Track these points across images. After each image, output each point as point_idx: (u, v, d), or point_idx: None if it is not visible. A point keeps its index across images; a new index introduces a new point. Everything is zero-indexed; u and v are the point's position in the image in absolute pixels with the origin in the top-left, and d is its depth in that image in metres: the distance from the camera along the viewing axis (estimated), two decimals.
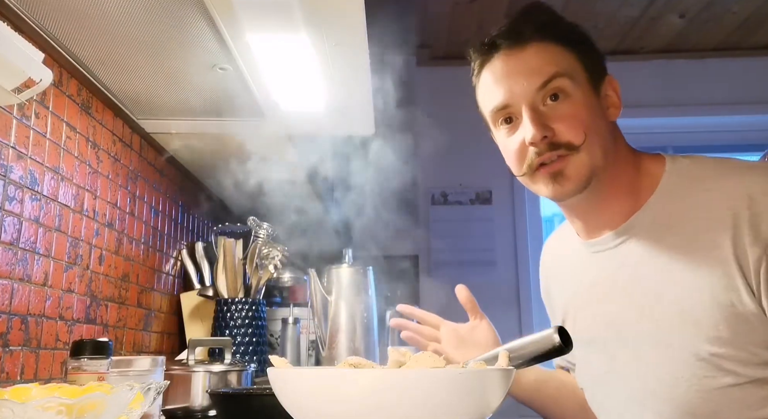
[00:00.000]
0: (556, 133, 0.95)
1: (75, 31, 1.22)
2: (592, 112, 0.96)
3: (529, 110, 0.95)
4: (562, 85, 0.95)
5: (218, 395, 1.11)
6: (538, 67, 0.96)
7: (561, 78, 0.95)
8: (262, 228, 1.90)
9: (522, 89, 0.96)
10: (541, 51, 0.97)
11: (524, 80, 0.96)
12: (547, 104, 0.96)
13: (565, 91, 0.96)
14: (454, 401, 0.67)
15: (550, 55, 0.97)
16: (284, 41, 1.21)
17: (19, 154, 1.16)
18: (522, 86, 0.96)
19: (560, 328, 0.84)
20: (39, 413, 0.61)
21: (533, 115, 0.95)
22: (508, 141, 1.01)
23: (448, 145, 3.46)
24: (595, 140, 0.95)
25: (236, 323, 1.82)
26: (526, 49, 0.97)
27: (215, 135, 1.72)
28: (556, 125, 0.95)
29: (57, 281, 1.28)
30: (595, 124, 0.96)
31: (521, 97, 0.96)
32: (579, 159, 0.95)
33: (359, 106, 1.55)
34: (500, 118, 1.01)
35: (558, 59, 0.96)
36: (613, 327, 1.01)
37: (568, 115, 0.95)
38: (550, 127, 0.95)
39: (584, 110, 0.95)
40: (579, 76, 0.97)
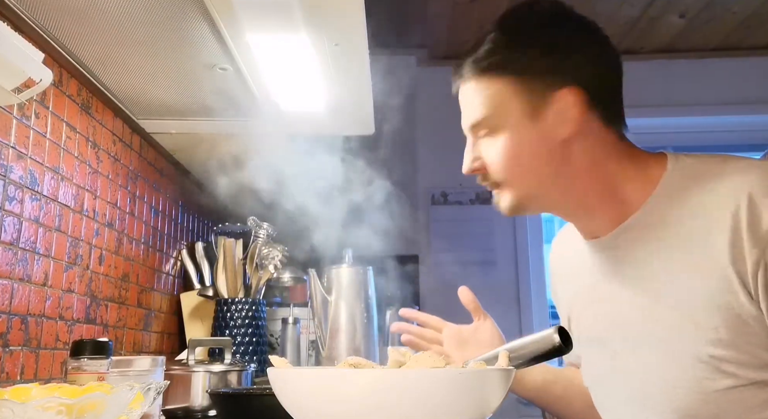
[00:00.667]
0: (486, 166, 1.02)
1: (75, 31, 1.22)
2: (521, 144, 0.98)
3: (468, 143, 1.05)
4: (488, 126, 1.00)
5: (218, 395, 1.11)
6: (470, 107, 1.02)
7: (486, 119, 0.99)
8: (262, 228, 1.90)
9: (463, 125, 1.06)
10: (474, 90, 1.01)
11: (464, 118, 1.05)
12: (479, 137, 1.03)
13: (492, 129, 1.00)
14: (454, 401, 0.67)
15: (480, 95, 1.00)
16: (284, 41, 1.21)
17: (19, 154, 1.16)
18: (464, 119, 1.05)
19: (560, 328, 0.84)
20: (39, 413, 0.61)
21: (467, 149, 1.05)
22: None
23: (448, 145, 3.47)
24: (517, 173, 0.99)
25: (236, 323, 1.82)
26: (466, 86, 1.03)
27: (215, 135, 1.72)
28: (486, 160, 1.01)
29: (57, 281, 1.28)
30: (519, 156, 0.98)
31: (466, 129, 1.06)
32: (503, 193, 1.02)
33: (359, 106, 1.55)
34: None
35: (486, 98, 0.99)
36: (613, 327, 1.01)
37: (493, 153, 1.00)
38: (480, 160, 1.02)
39: (510, 146, 0.98)
40: (510, 108, 0.98)
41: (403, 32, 3.12)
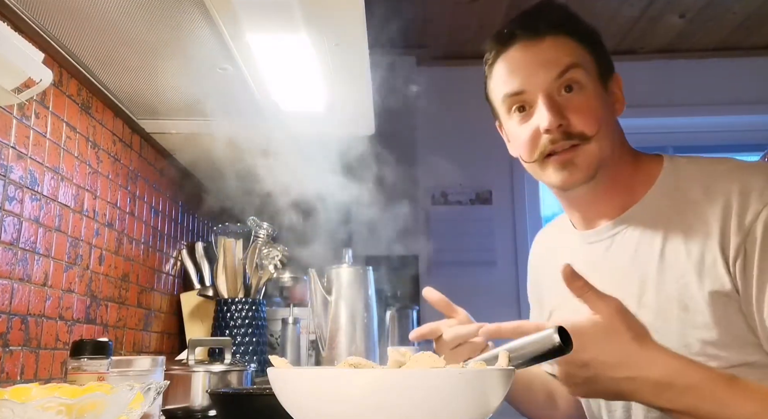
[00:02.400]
0: (570, 122, 0.99)
1: (75, 31, 1.22)
2: (603, 105, 1.01)
3: (546, 98, 0.99)
4: (577, 77, 1.00)
5: (218, 395, 1.11)
6: (554, 58, 1.00)
7: (576, 69, 0.99)
8: (262, 228, 1.90)
9: (538, 78, 1.00)
10: (557, 44, 1.01)
11: (541, 70, 1.00)
12: (562, 95, 1.00)
13: (580, 83, 1.00)
14: (454, 401, 0.67)
15: (565, 48, 1.01)
16: (284, 41, 1.21)
17: (19, 154, 1.16)
18: (538, 75, 1.00)
19: (560, 328, 0.84)
20: (39, 413, 0.61)
21: (550, 102, 0.99)
22: (520, 128, 1.04)
23: (448, 145, 3.47)
24: (605, 133, 1.00)
25: (236, 323, 1.82)
26: (543, 42, 1.01)
27: (215, 135, 1.71)
28: (570, 115, 0.99)
29: (57, 281, 1.28)
30: (606, 117, 1.00)
31: (538, 85, 1.00)
32: (590, 149, 0.99)
33: (359, 106, 1.55)
34: (514, 105, 1.04)
35: (573, 52, 1.01)
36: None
37: (583, 106, 0.99)
38: (565, 116, 0.99)
39: (597, 102, 1.00)
40: (591, 70, 1.02)
41: (403, 32, 3.12)
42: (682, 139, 3.41)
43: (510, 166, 3.54)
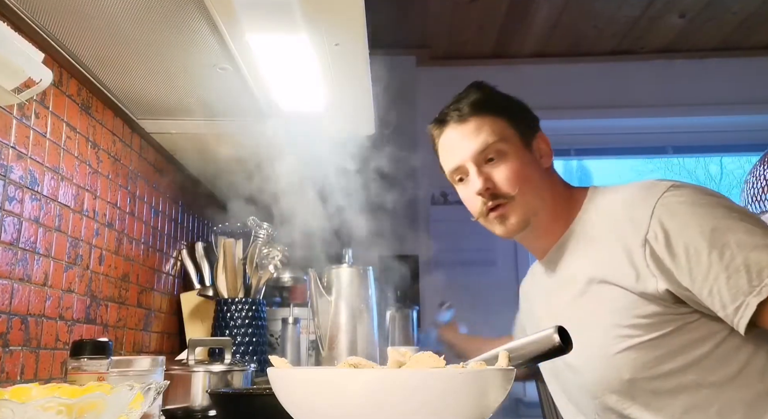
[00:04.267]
0: (496, 185, 1.21)
1: (75, 31, 1.22)
2: (524, 165, 1.23)
3: (474, 168, 1.23)
4: (498, 148, 1.22)
5: (218, 395, 1.11)
6: (477, 136, 1.23)
7: (495, 143, 1.22)
8: (262, 228, 1.90)
9: (467, 153, 1.23)
10: (479, 123, 1.24)
11: (468, 145, 1.23)
12: (487, 164, 1.23)
13: (500, 152, 1.22)
14: (454, 401, 0.67)
15: (486, 126, 1.23)
16: (284, 41, 1.21)
17: (19, 154, 1.16)
18: (468, 150, 1.23)
19: (560, 328, 0.84)
20: (39, 413, 0.61)
21: (478, 171, 1.22)
22: (464, 193, 1.29)
23: None
24: (527, 188, 1.21)
25: (236, 323, 1.82)
26: (468, 123, 1.25)
27: (215, 135, 1.71)
28: (496, 179, 1.22)
29: (57, 281, 1.28)
30: (527, 174, 1.22)
31: (468, 158, 1.23)
32: (516, 205, 1.21)
33: (359, 106, 1.55)
34: (456, 177, 1.28)
35: (492, 128, 1.23)
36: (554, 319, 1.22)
37: (504, 171, 1.21)
38: (492, 181, 1.22)
39: (518, 166, 1.22)
40: (511, 139, 1.24)
41: (403, 32, 3.12)
42: (682, 139, 3.41)
43: None
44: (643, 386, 1.10)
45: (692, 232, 1.04)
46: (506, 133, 1.24)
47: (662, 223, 1.07)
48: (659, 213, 1.08)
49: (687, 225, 1.05)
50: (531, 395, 3.28)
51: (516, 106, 1.31)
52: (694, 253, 1.03)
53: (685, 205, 1.08)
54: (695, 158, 3.57)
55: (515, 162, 1.22)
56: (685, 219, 1.06)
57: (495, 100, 1.29)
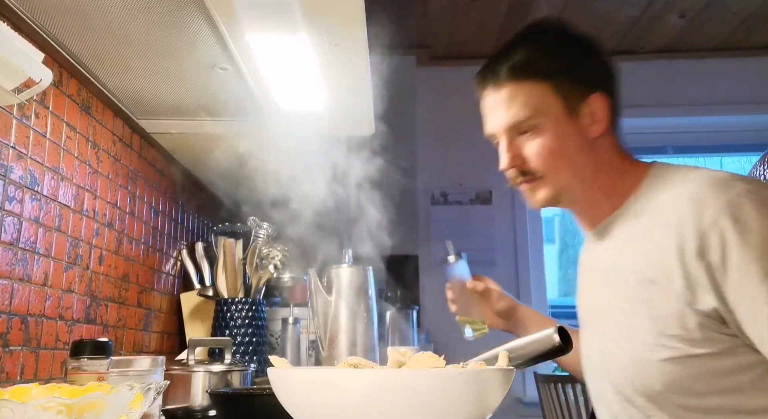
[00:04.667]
0: (525, 161, 1.12)
1: (75, 31, 1.22)
2: (561, 139, 1.11)
3: (505, 141, 1.14)
4: (531, 123, 1.11)
5: (218, 395, 1.11)
6: (508, 109, 1.12)
7: (528, 120, 1.10)
8: (262, 228, 1.90)
9: (498, 125, 1.14)
10: (514, 93, 1.12)
11: (500, 118, 1.13)
12: (520, 137, 1.13)
13: (534, 127, 1.11)
14: (454, 401, 0.67)
15: (520, 97, 1.11)
16: (284, 41, 1.21)
17: (19, 154, 1.16)
18: (499, 122, 1.14)
19: (560, 328, 0.84)
20: (39, 413, 0.61)
21: (507, 145, 1.13)
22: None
23: (448, 145, 3.47)
24: (560, 165, 1.11)
25: (236, 323, 1.82)
26: (501, 90, 1.13)
27: (215, 135, 1.71)
28: (526, 154, 1.12)
29: (57, 281, 1.28)
30: (563, 150, 1.11)
31: (500, 129, 1.14)
32: (545, 182, 1.12)
33: (359, 106, 1.55)
34: (493, 141, 1.20)
35: (527, 100, 1.11)
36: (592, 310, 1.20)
37: (535, 146, 1.11)
38: (520, 156, 1.12)
39: (551, 141, 1.10)
40: (551, 108, 1.11)
41: (403, 32, 3.12)
42: (682, 139, 3.41)
43: None
44: (674, 399, 1.02)
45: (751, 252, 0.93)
46: (545, 102, 1.11)
47: (724, 232, 0.95)
48: (725, 219, 0.95)
49: (748, 243, 0.94)
50: (531, 395, 3.28)
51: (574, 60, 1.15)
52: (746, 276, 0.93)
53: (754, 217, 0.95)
54: (695, 158, 3.57)
55: (550, 137, 1.10)
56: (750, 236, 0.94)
57: (544, 60, 1.13)
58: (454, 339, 1.63)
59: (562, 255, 4.45)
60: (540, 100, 1.11)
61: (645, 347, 1.03)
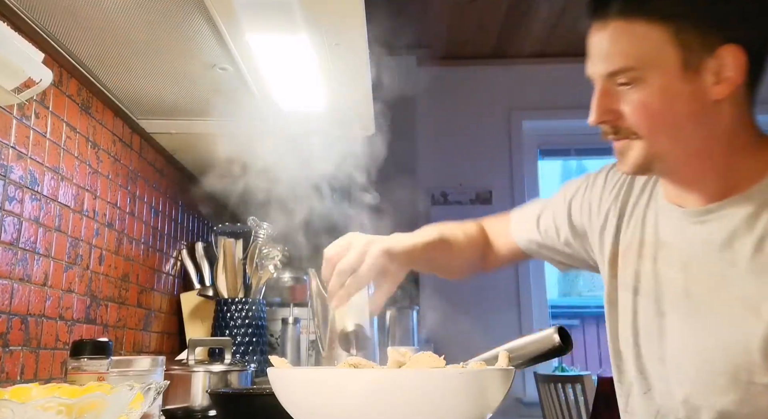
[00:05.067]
0: (621, 116, 0.92)
1: (75, 31, 1.22)
2: (669, 99, 0.90)
3: (597, 91, 0.94)
4: (634, 76, 0.90)
5: (218, 395, 1.11)
6: (611, 53, 0.91)
7: (632, 71, 0.90)
8: (262, 228, 1.90)
9: (596, 69, 0.94)
10: (620, 33, 0.90)
11: (598, 63, 0.93)
12: (620, 87, 0.92)
13: (636, 79, 0.90)
14: (454, 401, 0.67)
15: (627, 40, 0.90)
16: (284, 41, 1.21)
17: (19, 154, 1.16)
18: (596, 66, 0.94)
19: (560, 328, 0.84)
20: (39, 413, 0.61)
21: (598, 97, 0.94)
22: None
23: (448, 145, 3.47)
24: (661, 129, 0.91)
25: (236, 323, 1.82)
26: (606, 27, 0.91)
27: (215, 135, 1.71)
28: (623, 108, 0.92)
29: (57, 281, 1.28)
30: (668, 111, 0.90)
31: (596, 76, 0.94)
32: (638, 145, 0.93)
33: (359, 106, 1.55)
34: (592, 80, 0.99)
35: (636, 44, 0.89)
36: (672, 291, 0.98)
37: (634, 104, 0.91)
38: (615, 111, 0.92)
39: (656, 99, 0.90)
40: (664, 60, 0.89)
41: (403, 32, 3.12)
42: None
43: (510, 166, 3.55)
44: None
45: None
46: (657, 51, 0.89)
47: None
48: None
49: None
50: (531, 395, 3.29)
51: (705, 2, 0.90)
52: None
53: None
54: None
55: (654, 95, 0.90)
56: None
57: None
58: (454, 340, 1.63)
59: None
60: (651, 48, 0.89)
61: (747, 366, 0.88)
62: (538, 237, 1.19)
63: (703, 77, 0.89)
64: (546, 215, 1.18)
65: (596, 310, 4.31)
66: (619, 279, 1.05)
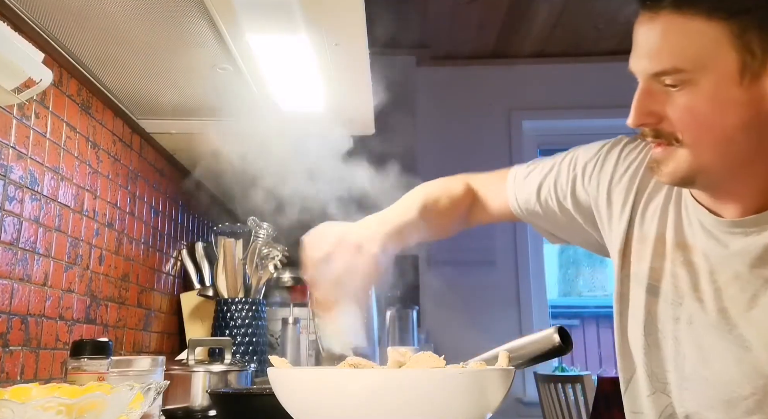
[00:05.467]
0: (664, 120, 0.84)
1: (75, 31, 1.22)
2: (721, 107, 0.81)
3: (639, 90, 0.85)
4: (683, 78, 0.81)
5: (218, 395, 1.11)
6: (660, 51, 0.82)
7: (682, 73, 0.80)
8: (262, 228, 1.90)
9: (640, 67, 0.85)
10: (672, 29, 0.81)
11: (644, 59, 0.84)
12: (665, 87, 0.83)
13: (687, 82, 0.81)
14: (454, 401, 0.67)
15: (680, 37, 0.80)
16: (284, 41, 1.21)
17: (19, 154, 1.16)
18: (640, 64, 0.85)
19: (560, 328, 0.84)
20: (39, 413, 0.61)
21: (639, 97, 0.85)
22: None
23: (448, 145, 3.47)
24: (709, 139, 0.82)
25: (236, 323, 1.82)
26: (657, 20, 0.82)
27: (215, 135, 1.71)
28: (668, 112, 0.83)
29: (57, 281, 1.28)
30: (718, 120, 0.81)
31: (639, 73, 0.86)
32: (682, 155, 0.84)
33: (359, 106, 1.55)
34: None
35: (690, 44, 0.80)
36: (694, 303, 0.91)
37: (683, 107, 0.82)
38: (657, 113, 0.84)
39: (708, 105, 0.80)
40: (719, 62, 0.79)
41: (403, 32, 3.12)
42: None
43: (510, 165, 3.55)
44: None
45: None
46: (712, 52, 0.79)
47: None
48: None
49: None
50: (531, 395, 3.29)
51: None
52: None
53: None
54: None
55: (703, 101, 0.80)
56: None
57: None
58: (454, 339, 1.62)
59: (562, 255, 4.45)
60: (706, 48, 0.79)
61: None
62: (538, 209, 1.11)
63: (763, 85, 0.80)
64: (547, 185, 1.09)
65: (596, 310, 4.31)
66: (631, 272, 0.98)
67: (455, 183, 1.20)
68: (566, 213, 1.08)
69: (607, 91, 3.42)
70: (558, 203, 1.08)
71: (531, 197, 1.11)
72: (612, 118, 3.37)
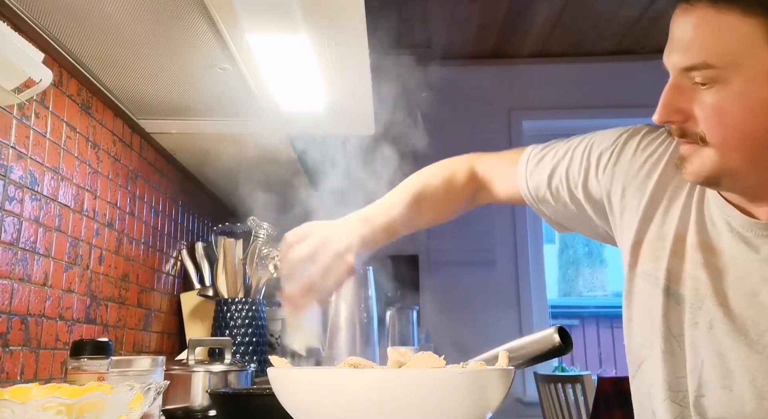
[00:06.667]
0: (691, 118, 0.81)
1: (75, 31, 1.22)
2: (751, 108, 0.78)
3: (668, 85, 0.83)
4: (713, 76, 0.78)
5: (218, 395, 1.11)
6: (691, 45, 0.79)
7: (711, 70, 0.77)
8: (262, 228, 1.90)
9: (670, 61, 0.83)
10: (705, 22, 0.78)
11: (675, 52, 0.81)
12: (695, 84, 0.80)
13: (717, 80, 0.78)
14: (454, 401, 0.67)
15: (712, 32, 0.77)
16: (284, 41, 1.21)
17: (19, 154, 1.16)
18: (671, 58, 0.82)
19: (560, 328, 0.84)
20: (39, 413, 0.61)
21: (667, 92, 0.82)
22: None
23: (448, 146, 3.47)
24: (735, 141, 0.80)
25: (236, 323, 1.82)
26: (691, 13, 0.79)
27: (215, 135, 1.72)
28: (695, 110, 0.81)
29: (57, 281, 1.28)
30: (748, 122, 0.78)
31: (669, 67, 0.83)
32: (708, 155, 0.81)
33: (359, 106, 1.56)
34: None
35: (721, 39, 0.77)
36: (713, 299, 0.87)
37: (711, 107, 0.79)
38: (685, 111, 0.81)
39: (737, 105, 0.78)
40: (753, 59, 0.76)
41: (403, 32, 3.12)
42: None
43: None
44: None
45: None
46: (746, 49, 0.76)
47: None
48: None
49: None
50: (531, 395, 3.29)
51: None
52: None
53: None
54: None
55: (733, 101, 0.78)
56: None
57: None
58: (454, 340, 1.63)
59: (562, 255, 4.45)
60: (739, 45, 0.76)
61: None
62: (548, 196, 1.08)
63: None
64: (559, 174, 1.06)
65: (596, 310, 4.31)
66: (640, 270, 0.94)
67: (459, 167, 1.15)
68: (576, 203, 1.06)
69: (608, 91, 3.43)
70: (569, 192, 1.05)
71: (542, 184, 1.09)
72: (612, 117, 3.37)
